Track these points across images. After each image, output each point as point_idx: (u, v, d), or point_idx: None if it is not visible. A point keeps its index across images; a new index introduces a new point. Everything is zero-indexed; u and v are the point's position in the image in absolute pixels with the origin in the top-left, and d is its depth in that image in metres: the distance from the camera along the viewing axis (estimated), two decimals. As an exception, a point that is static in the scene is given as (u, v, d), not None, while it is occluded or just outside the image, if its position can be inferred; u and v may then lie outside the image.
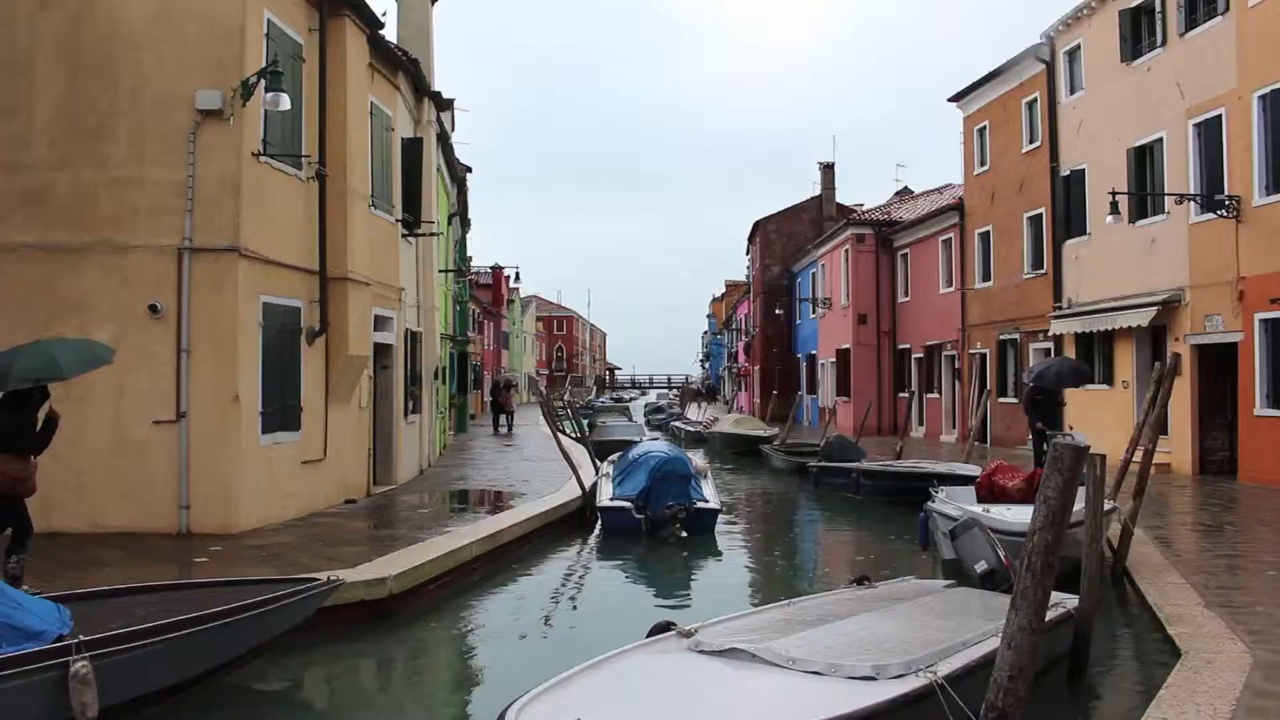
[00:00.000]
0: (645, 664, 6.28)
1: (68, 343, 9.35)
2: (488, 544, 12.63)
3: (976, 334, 30.30)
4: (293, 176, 13.83)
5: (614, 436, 31.19)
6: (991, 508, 12.23)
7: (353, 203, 14.95)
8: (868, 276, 37.83)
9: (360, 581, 9.68)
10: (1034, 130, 26.79)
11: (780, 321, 50.54)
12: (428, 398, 21.78)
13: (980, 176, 30.16)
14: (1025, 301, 27.13)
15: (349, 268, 14.77)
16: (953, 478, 17.08)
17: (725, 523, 17.12)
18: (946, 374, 32.80)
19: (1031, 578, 5.48)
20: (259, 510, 12.97)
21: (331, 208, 14.59)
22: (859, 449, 23.43)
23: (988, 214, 29.53)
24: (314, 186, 14.35)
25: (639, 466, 16.31)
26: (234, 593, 7.67)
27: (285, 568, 10.21)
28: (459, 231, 35.22)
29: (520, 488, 18.31)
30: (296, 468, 13.97)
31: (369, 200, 15.98)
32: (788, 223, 51.95)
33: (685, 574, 13.45)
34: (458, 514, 15.27)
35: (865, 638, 6.66)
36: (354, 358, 15.08)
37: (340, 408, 15.32)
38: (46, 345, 9.00)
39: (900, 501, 17.62)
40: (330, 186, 14.57)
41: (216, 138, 12.48)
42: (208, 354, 12.43)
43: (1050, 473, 5.58)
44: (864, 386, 37.37)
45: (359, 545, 11.77)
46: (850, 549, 16.31)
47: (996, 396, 28.28)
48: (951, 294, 32.15)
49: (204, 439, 12.41)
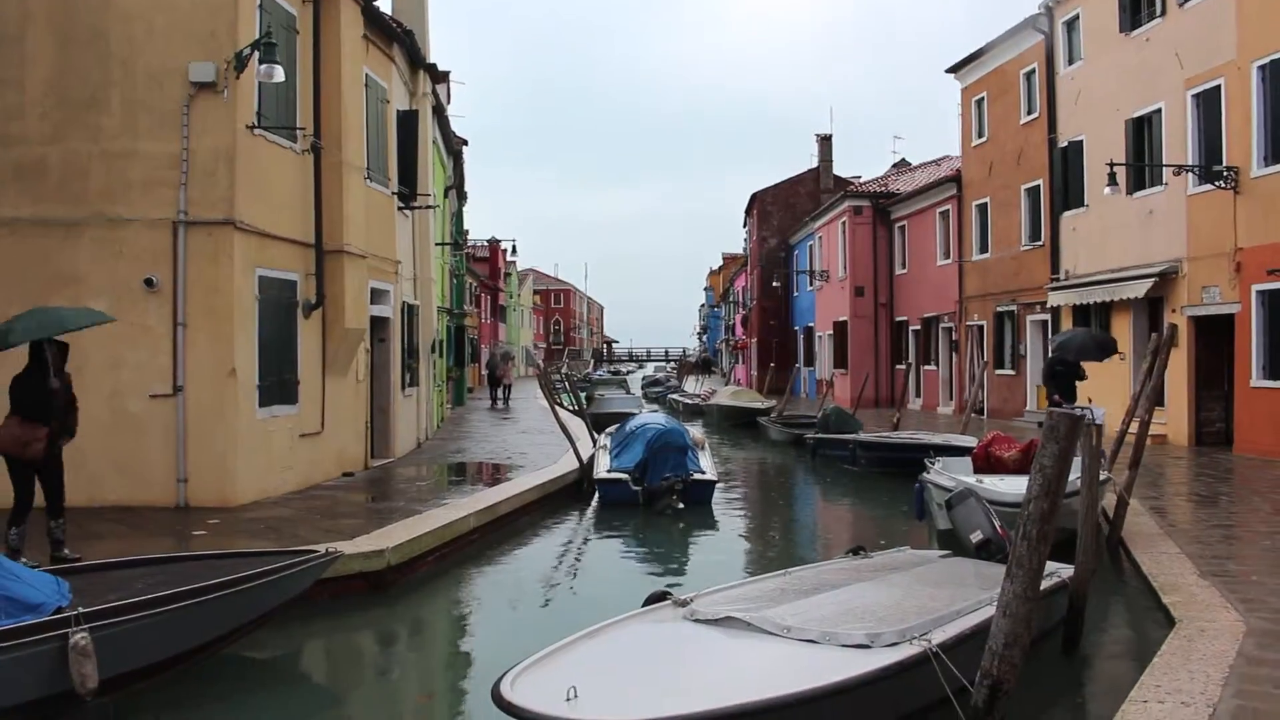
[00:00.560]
0: (640, 633, 6.31)
1: (66, 307, 9.63)
2: (485, 516, 12.66)
3: (974, 306, 30.29)
4: (288, 149, 13.76)
5: (611, 409, 31.20)
6: (986, 478, 12.27)
7: (348, 175, 14.88)
8: (865, 249, 37.77)
9: (358, 554, 9.71)
10: (1032, 101, 26.67)
11: (777, 294, 50.51)
12: (425, 371, 21.78)
13: (978, 148, 30.06)
14: (1023, 273, 27.10)
15: (345, 240, 14.72)
16: (949, 449, 17.12)
17: (722, 494, 17.15)
18: (944, 346, 32.82)
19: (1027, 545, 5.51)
20: (257, 483, 12.99)
21: (327, 180, 14.52)
22: (856, 421, 23.47)
23: (985, 186, 29.46)
24: (309, 159, 14.29)
25: (636, 438, 16.33)
26: (232, 565, 7.69)
27: (283, 540, 10.23)
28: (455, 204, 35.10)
29: (518, 460, 18.35)
30: (294, 441, 13.98)
31: (365, 173, 15.91)
32: (785, 195, 51.83)
33: (682, 545, 13.50)
34: (455, 486, 15.31)
35: (860, 607, 6.69)
36: (350, 331, 15.06)
37: (337, 381, 15.32)
38: (45, 308, 9.27)
39: (897, 473, 17.66)
40: (325, 159, 14.50)
41: (210, 110, 12.40)
42: (204, 327, 12.41)
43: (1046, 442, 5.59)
44: (861, 358, 37.41)
45: (357, 518, 11.80)
46: (847, 520, 16.36)
47: (994, 368, 28.32)
48: (949, 266, 32.12)
49: (201, 412, 12.41)
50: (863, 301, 37.86)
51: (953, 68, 31.12)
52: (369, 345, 16.95)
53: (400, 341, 18.72)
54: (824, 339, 42.74)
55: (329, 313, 14.75)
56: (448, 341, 31.25)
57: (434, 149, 24.09)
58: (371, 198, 16.45)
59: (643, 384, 68.06)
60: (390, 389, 18.15)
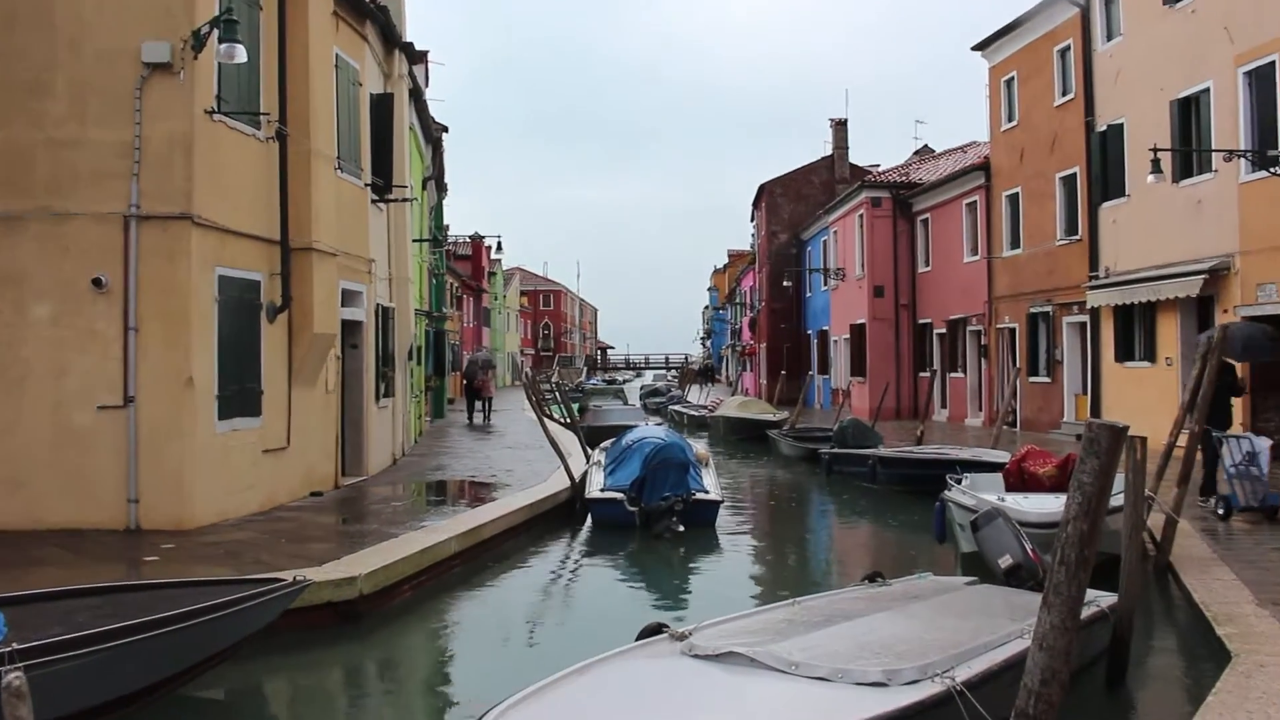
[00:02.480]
0: (634, 670, 6.26)
1: None
2: (467, 540, 12.62)
3: (1004, 307, 30.28)
4: (250, 136, 13.74)
5: (606, 421, 31.16)
6: (1015, 496, 12.24)
7: (317, 165, 14.86)
8: (884, 244, 37.77)
9: (328, 581, 9.67)
10: (1067, 81, 26.68)
11: (788, 295, 50.51)
12: (401, 380, 21.74)
13: (1008, 133, 30.07)
14: (1058, 270, 27.09)
15: (313, 237, 14.70)
16: (979, 464, 17.11)
17: (727, 515, 17.14)
18: (972, 351, 32.79)
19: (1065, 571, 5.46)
20: (215, 504, 12.95)
21: (294, 170, 14.50)
22: (875, 434, 23.44)
23: (1016, 174, 29.46)
24: (274, 147, 14.26)
25: (632, 454, 16.31)
26: (188, 595, 7.64)
27: (245, 567, 10.19)
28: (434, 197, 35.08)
29: (503, 478, 18.31)
30: (257, 457, 13.94)
31: (335, 162, 15.89)
32: (796, 186, 51.86)
33: (681, 571, 13.46)
34: (434, 507, 15.26)
35: (876, 640, 6.64)
36: (319, 336, 15.03)
37: (305, 391, 15.28)
38: None
39: (921, 491, 17.63)
40: (292, 147, 14.47)
41: (165, 94, 12.37)
42: (158, 332, 12.37)
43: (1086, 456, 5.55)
44: (881, 365, 37.39)
45: (326, 542, 11.76)
46: (864, 543, 16.33)
47: (1027, 375, 28.28)
48: (977, 263, 32.11)
49: (154, 426, 12.36)
50: (882, 302, 37.84)
51: (979, 44, 31.13)
52: (340, 352, 16.91)
53: (374, 348, 18.68)
54: (840, 344, 42.72)
55: (296, 316, 14.71)
56: (426, 348, 31.21)
57: (411, 136, 24.08)
58: (342, 190, 16.43)
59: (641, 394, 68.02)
60: (363, 400, 18.11)
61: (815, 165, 52.13)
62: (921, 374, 36.08)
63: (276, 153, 14.32)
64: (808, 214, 49.72)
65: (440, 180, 35.84)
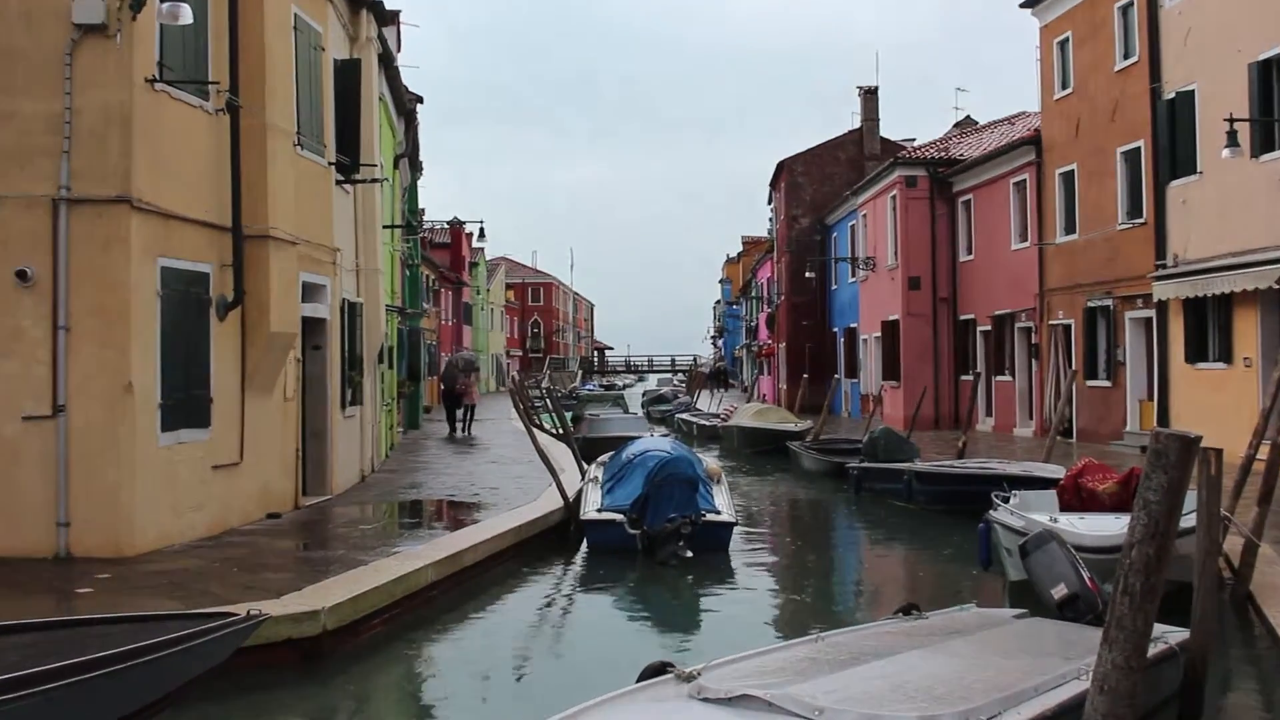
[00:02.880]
0: (635, 714, 6.26)
1: None
2: (447, 567, 12.62)
3: (1058, 300, 30.28)
4: (198, 108, 13.74)
5: (605, 432, 31.18)
6: (1071, 516, 12.23)
7: (274, 141, 14.86)
8: (921, 229, 37.75)
9: (287, 615, 9.67)
10: (1129, 42, 26.68)
11: (811, 287, 50.50)
12: (370, 386, 21.74)
13: (1061, 102, 30.06)
14: (1119, 259, 27.08)
15: (270, 222, 14.70)
16: (1029, 480, 17.07)
17: (742, 538, 17.14)
18: (1021, 351, 32.78)
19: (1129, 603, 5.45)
20: (158, 527, 12.94)
21: (247, 147, 14.49)
22: (911, 446, 23.43)
23: (1071, 149, 29.46)
24: (225, 121, 14.26)
25: (634, 469, 16.31)
26: (126, 632, 7.63)
27: (192, 599, 10.18)
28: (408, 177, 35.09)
29: (487, 497, 18.31)
30: (206, 474, 13.94)
31: (294, 138, 15.88)
32: (820, 163, 51.85)
33: (690, 603, 13.46)
34: (409, 530, 15.26)
35: (912, 681, 6.63)
36: (277, 335, 15.03)
37: (260, 399, 15.28)
38: None
39: (963, 511, 17.60)
40: (245, 121, 14.47)
41: (99, 60, 12.37)
42: (92, 332, 12.38)
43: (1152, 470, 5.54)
44: (917, 368, 37.37)
45: (285, 570, 11.76)
46: (898, 571, 16.32)
47: (1084, 379, 28.27)
48: (1026, 250, 32.10)
49: (88, 438, 12.37)
50: (918, 296, 37.83)
51: (1028, 1, 31.13)
52: (300, 354, 16.92)
53: (340, 349, 18.69)
54: (870, 343, 42.71)
55: (250, 313, 14.71)
56: (399, 348, 31.22)
57: (381, 108, 24.09)
58: (303, 169, 16.43)
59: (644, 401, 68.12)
60: (327, 409, 18.11)
61: (841, 140, 52.12)
62: (963, 377, 36.05)
63: (227, 127, 14.30)
64: (833, 195, 49.73)
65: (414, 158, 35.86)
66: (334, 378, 18.39)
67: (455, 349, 59.72)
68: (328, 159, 17.87)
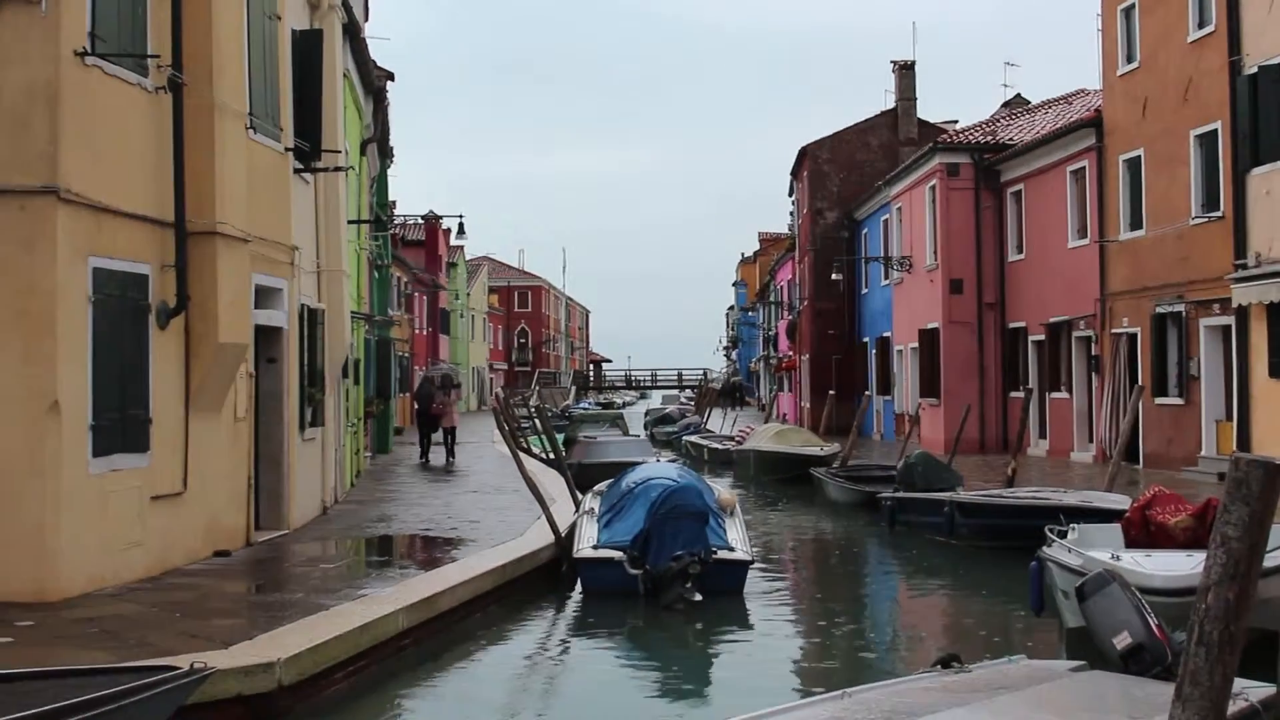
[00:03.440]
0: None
1: None
2: (420, 613, 12.59)
3: (1122, 306, 30.25)
4: (135, 86, 13.73)
5: (602, 457, 31.12)
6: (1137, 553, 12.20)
7: (222, 123, 14.85)
8: (964, 225, 37.76)
9: (237, 668, 9.63)
10: (1205, 9, 26.70)
11: (838, 291, 50.56)
12: (333, 404, 21.72)
13: (1127, 78, 30.07)
14: (1193, 258, 27.07)
15: (218, 217, 14.68)
16: (1089, 512, 17.07)
17: (759, 580, 17.12)
18: (1079, 364, 32.75)
19: (1205, 655, 5.42)
20: (88, 567, 12.91)
21: (192, 130, 14.48)
22: (953, 473, 23.42)
23: (1137, 132, 29.45)
24: (167, 100, 14.24)
25: (635, 500, 16.29)
26: (53, 688, 7.61)
27: (128, 650, 10.14)
28: (377, 165, 35.11)
29: (467, 532, 18.29)
30: (143, 506, 13.90)
31: (246, 119, 15.88)
32: (849, 149, 51.91)
33: (700, 654, 13.44)
34: (377, 570, 15.26)
35: (955, 744, 6.61)
36: (226, 347, 15.01)
37: (207, 419, 15.26)
38: None
39: (1012, 547, 17.57)
40: (189, 100, 14.46)
41: (21, 29, 12.35)
42: (12, 343, 12.35)
43: (1232, 501, 5.51)
44: (959, 383, 37.35)
45: (235, 616, 11.74)
46: (937, 616, 16.28)
47: (1152, 396, 28.23)
48: (1085, 249, 32.10)
49: (6, 465, 12.33)
50: (961, 301, 37.82)
51: (1088, -35, 31.19)
52: (253, 368, 16.90)
53: (298, 362, 18.67)
54: (905, 355, 42.69)
55: (195, 321, 14.69)
56: (367, 361, 31.22)
57: (346, 85, 24.12)
58: (256, 155, 16.43)
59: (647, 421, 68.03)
60: (283, 431, 18.08)
61: (873, 122, 52.17)
62: (1013, 394, 36.01)
63: (169, 107, 14.28)
64: (863, 185, 49.77)
65: (384, 143, 35.91)
66: (292, 395, 18.36)
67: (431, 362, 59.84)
68: (285, 144, 17.86)
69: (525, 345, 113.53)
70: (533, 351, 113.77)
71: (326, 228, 21.32)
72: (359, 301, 28.49)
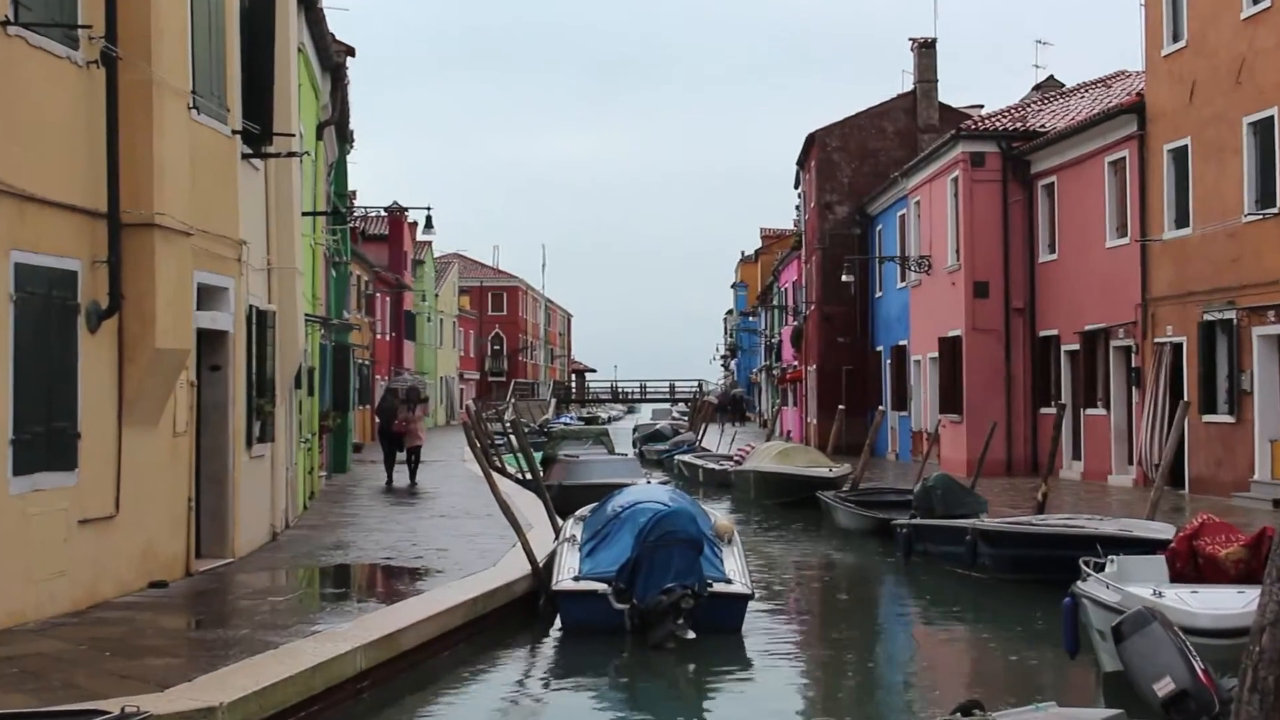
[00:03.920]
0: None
1: None
2: (380, 652, 12.57)
3: (1166, 312, 30.27)
4: (64, 59, 13.70)
5: (584, 478, 31.05)
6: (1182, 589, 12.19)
7: (162, 102, 14.81)
8: (990, 221, 37.77)
9: (175, 713, 9.60)
10: (1258, -18, 26.76)
11: (849, 294, 50.51)
12: (285, 418, 21.68)
13: (1172, 58, 30.11)
14: (1246, 259, 27.12)
15: (157, 207, 14.63)
16: (1129, 542, 17.07)
17: (760, 616, 17.11)
18: (1118, 377, 32.76)
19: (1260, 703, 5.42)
20: (7, 599, 12.85)
21: (128, 110, 14.44)
22: (976, 497, 23.44)
23: (1184, 118, 29.49)
24: (99, 76, 14.21)
25: (621, 526, 16.28)
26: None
27: (51, 693, 10.10)
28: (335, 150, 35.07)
29: (434, 561, 18.28)
30: (70, 530, 13.85)
31: (189, 98, 15.85)
32: (862, 136, 51.96)
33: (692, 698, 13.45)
34: (333, 604, 15.24)
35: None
36: (165, 353, 14.98)
37: (143, 434, 15.22)
38: None
39: (1043, 581, 17.60)
40: (124, 76, 14.42)
41: (-62, -3, 12.36)
42: (-75, 347, 12.33)
43: (1288, 533, 5.51)
44: (984, 398, 37.36)
45: (172, 655, 11.70)
46: (958, 657, 16.28)
47: (1199, 412, 28.24)
48: (1125, 248, 32.13)
49: (-81, 484, 12.31)
50: (986, 306, 37.84)
51: (1129, -67, 31.25)
52: (195, 376, 16.88)
53: (245, 370, 18.64)
54: (924, 365, 42.71)
55: (130, 324, 14.66)
56: (323, 370, 31.18)
57: (301, 61, 24.09)
58: (200, 139, 16.40)
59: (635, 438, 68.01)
60: (228, 447, 18.05)
61: (889, 106, 52.21)
62: (1044, 410, 36.05)
63: (102, 84, 14.26)
64: (878, 177, 49.80)
65: (343, 126, 35.84)
66: (238, 407, 18.33)
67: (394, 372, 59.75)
68: (232, 126, 17.83)
69: (500, 353, 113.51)
70: (508, 360, 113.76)
71: (278, 220, 21.27)
72: (314, 303, 28.46)
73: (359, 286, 50.63)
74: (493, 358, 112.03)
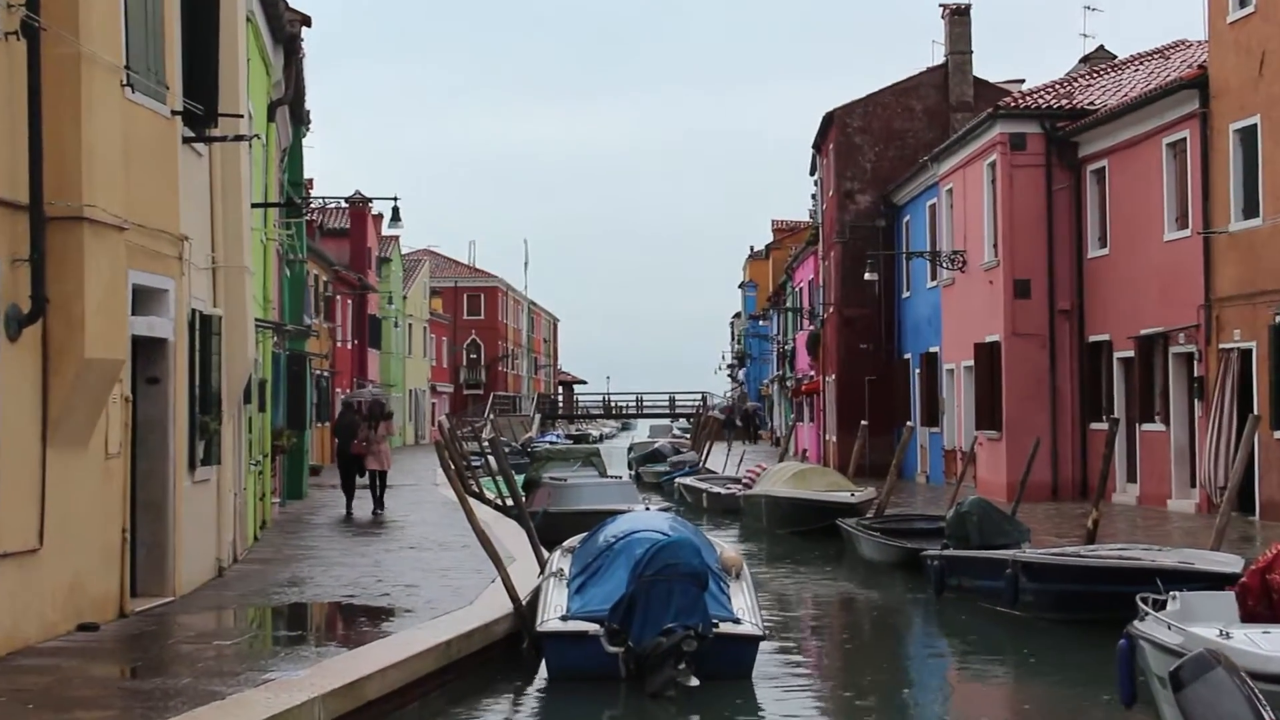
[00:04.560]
0: None
1: None
2: (342, 701, 12.52)
3: (1233, 314, 30.28)
4: (-21, 31, 13.72)
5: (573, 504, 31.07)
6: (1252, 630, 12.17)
7: (92, 79, 14.81)
8: (1032, 211, 37.82)
9: (104, 774, 9.60)
10: (1333, -58, 26.80)
11: (873, 295, 50.62)
12: (232, 437, 21.67)
13: (1238, 26, 30.13)
14: (1319, 255, 27.15)
15: (86, 199, 14.62)
16: (1193, 576, 17.08)
17: (772, 660, 17.12)
18: (1178, 388, 32.77)
19: (1340, 760, 5.41)
20: (-81, 644, 12.86)
21: (53, 88, 14.42)
22: (1018, 525, 23.45)
23: (1252, 94, 29.51)
24: (20, 50, 14.19)
25: (615, 558, 16.29)
26: None
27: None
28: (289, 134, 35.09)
29: (402, 599, 18.31)
30: (-12, 566, 13.85)
31: (123, 74, 15.85)
32: (886, 115, 52.04)
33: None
34: (287, 648, 15.22)
35: None
36: (95, 364, 14.96)
37: (70, 455, 15.20)
38: None
39: (1093, 620, 17.62)
40: (49, 49, 14.40)
41: None
42: None
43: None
44: (1026, 411, 37.38)
45: (104, 707, 11.67)
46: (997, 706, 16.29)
47: (1270, 427, 28.24)
48: (1185, 241, 32.15)
49: None
50: (1028, 308, 37.86)
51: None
52: (130, 390, 16.87)
53: (188, 384, 18.63)
54: (958, 375, 42.76)
55: (56, 330, 14.64)
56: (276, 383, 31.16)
57: (250, 33, 24.10)
58: (135, 120, 16.39)
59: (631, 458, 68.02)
60: (168, 470, 18.04)
61: (917, 81, 52.32)
62: (1094, 425, 36.07)
63: (23, 59, 14.25)
64: (905, 162, 49.89)
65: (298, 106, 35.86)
66: (179, 425, 18.32)
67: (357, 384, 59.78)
68: (171, 106, 17.83)
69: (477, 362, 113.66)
70: (486, 370, 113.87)
71: (225, 212, 21.27)
72: (266, 306, 28.44)
73: (317, 288, 50.66)
74: (469, 368, 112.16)
